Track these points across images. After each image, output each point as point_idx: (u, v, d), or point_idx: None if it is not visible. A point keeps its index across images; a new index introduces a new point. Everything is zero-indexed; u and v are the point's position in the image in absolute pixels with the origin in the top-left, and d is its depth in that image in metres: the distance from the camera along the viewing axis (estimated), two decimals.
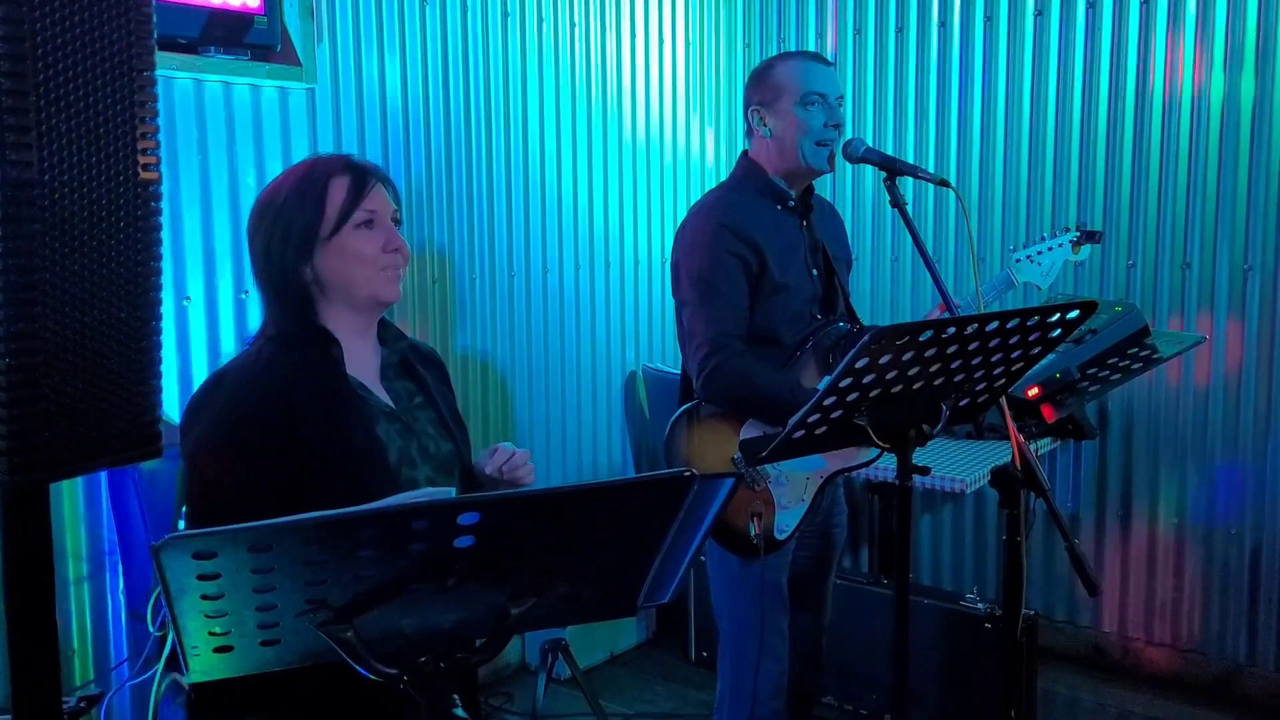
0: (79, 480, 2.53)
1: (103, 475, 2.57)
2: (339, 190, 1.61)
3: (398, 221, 1.68)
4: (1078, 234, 2.36)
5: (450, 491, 1.16)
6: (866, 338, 1.63)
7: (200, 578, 1.07)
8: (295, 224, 1.61)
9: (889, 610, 2.00)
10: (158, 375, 1.05)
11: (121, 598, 2.65)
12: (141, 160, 1.02)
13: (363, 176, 1.64)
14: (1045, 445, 3.32)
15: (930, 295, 3.60)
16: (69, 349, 0.92)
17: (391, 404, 1.68)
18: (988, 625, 3.04)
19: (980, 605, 3.10)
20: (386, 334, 1.75)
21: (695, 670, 3.66)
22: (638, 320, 4.05)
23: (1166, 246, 3.44)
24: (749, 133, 2.40)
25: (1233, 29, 3.27)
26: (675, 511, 1.22)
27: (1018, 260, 2.35)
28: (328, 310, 1.65)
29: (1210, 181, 3.35)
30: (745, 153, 2.42)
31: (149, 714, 2.43)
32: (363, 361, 1.68)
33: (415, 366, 1.76)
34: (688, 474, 1.17)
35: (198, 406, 1.61)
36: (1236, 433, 3.38)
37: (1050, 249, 2.35)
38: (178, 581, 1.06)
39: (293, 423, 1.55)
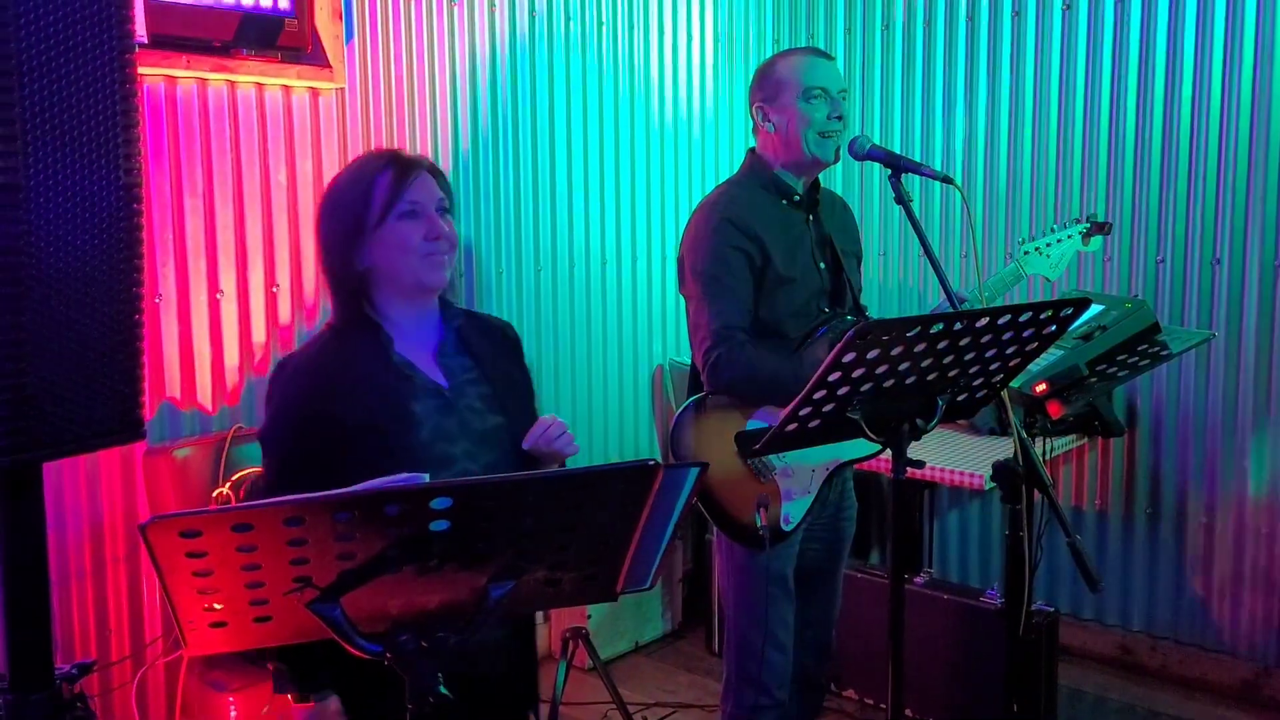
0: (116, 462, 2.64)
1: (138, 458, 2.68)
2: (384, 183, 1.69)
3: (445, 210, 1.74)
4: (1087, 225, 2.34)
5: (424, 477, 1.21)
6: (851, 332, 1.65)
7: (189, 555, 1.14)
8: (346, 217, 1.70)
9: (909, 604, 2.01)
10: (140, 364, 1.12)
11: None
12: (124, 165, 1.09)
13: (406, 169, 1.71)
14: (1065, 444, 3.30)
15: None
16: (55, 340, 1.00)
17: (440, 381, 1.74)
18: (1004, 621, 3.03)
19: (999, 601, 3.10)
20: (447, 313, 1.82)
21: (717, 661, 3.68)
22: (664, 315, 4.09)
23: (1196, 242, 3.40)
24: (755, 130, 2.42)
25: (1263, 21, 3.22)
26: (643, 500, 1.26)
27: (1025, 252, 2.33)
28: (382, 297, 1.73)
29: (1240, 177, 3.30)
30: (752, 149, 2.44)
31: (178, 689, 2.54)
32: (418, 342, 1.76)
33: (473, 342, 1.82)
34: (652, 463, 1.22)
35: (267, 392, 1.76)
36: (1266, 431, 3.34)
37: (1060, 240, 2.33)
38: (168, 559, 1.13)
39: (332, 405, 1.65)
